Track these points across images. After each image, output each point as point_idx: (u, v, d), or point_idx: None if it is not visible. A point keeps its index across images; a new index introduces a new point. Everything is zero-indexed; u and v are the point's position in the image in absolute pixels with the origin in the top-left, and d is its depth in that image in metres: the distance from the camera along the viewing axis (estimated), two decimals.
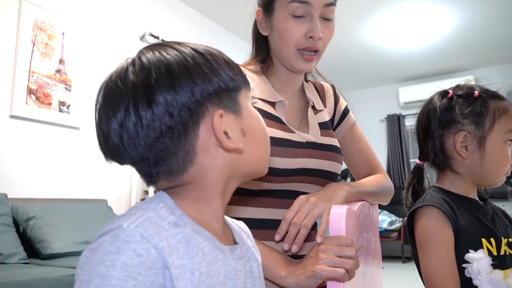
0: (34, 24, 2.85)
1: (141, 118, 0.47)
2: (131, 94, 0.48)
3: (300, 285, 0.72)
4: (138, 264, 0.41)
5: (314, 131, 0.96)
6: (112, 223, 0.46)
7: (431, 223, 0.87)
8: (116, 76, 0.51)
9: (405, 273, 4.66)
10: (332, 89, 1.11)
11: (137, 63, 0.50)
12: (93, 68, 3.21)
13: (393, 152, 6.55)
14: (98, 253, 0.42)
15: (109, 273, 0.40)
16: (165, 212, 0.48)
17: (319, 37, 0.89)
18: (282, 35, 0.90)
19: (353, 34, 4.79)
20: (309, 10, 0.88)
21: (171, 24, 3.98)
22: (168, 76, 0.49)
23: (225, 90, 0.52)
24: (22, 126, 2.74)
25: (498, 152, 0.92)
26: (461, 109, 0.95)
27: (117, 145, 0.49)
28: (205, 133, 0.51)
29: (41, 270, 1.90)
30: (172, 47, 0.53)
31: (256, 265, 0.59)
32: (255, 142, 0.55)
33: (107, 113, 0.49)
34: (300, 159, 0.88)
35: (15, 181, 2.65)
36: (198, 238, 0.49)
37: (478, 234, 0.88)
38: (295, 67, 0.92)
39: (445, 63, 5.88)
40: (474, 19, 4.51)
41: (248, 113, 0.56)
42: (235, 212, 0.88)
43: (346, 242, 0.72)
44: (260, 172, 0.58)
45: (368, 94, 6.95)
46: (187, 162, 0.50)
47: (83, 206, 2.76)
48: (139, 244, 0.42)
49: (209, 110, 0.51)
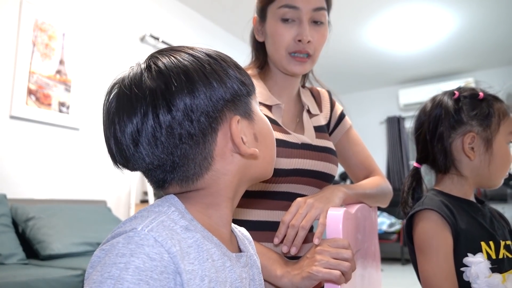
0: (35, 25, 2.86)
1: (161, 124, 0.47)
2: (150, 100, 0.47)
3: (296, 285, 0.72)
4: (151, 268, 0.41)
5: (309, 133, 0.97)
6: (124, 225, 0.46)
7: (430, 227, 0.86)
8: (130, 81, 0.50)
9: (405, 276, 4.65)
10: (328, 94, 1.12)
11: (154, 69, 0.50)
12: (93, 69, 3.21)
13: (393, 154, 6.55)
14: (111, 255, 0.42)
15: (122, 276, 0.40)
16: (177, 216, 0.48)
17: (308, 41, 0.90)
18: (273, 39, 0.93)
19: (353, 36, 4.80)
20: (298, 15, 0.90)
21: (171, 25, 3.98)
22: (187, 82, 0.48)
23: (240, 96, 0.53)
24: (22, 127, 2.74)
25: (503, 153, 0.93)
26: (468, 111, 0.94)
27: (132, 151, 0.49)
28: (222, 139, 0.51)
29: (40, 271, 1.90)
30: (185, 52, 0.52)
31: (257, 272, 0.60)
32: (265, 146, 0.56)
33: (121, 119, 0.48)
34: (295, 159, 0.89)
35: (14, 181, 2.65)
36: (208, 244, 0.49)
37: (477, 237, 0.88)
38: (288, 70, 0.94)
39: (445, 65, 5.89)
40: (474, 21, 4.51)
41: (258, 118, 0.56)
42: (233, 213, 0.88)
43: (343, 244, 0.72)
44: (267, 175, 0.59)
45: (368, 96, 6.95)
46: (203, 168, 0.50)
47: (82, 207, 2.76)
48: (153, 248, 0.42)
49: (227, 116, 0.51)
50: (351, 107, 7.88)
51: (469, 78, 5.95)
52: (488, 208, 0.98)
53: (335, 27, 0.97)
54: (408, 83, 6.61)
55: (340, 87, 6.66)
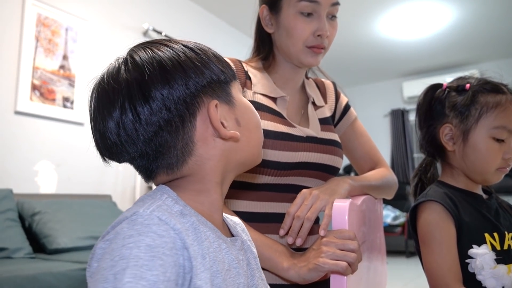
0: (38, 20, 2.86)
1: (139, 114, 0.48)
2: (126, 92, 0.49)
3: (303, 277, 0.73)
4: (161, 244, 0.42)
5: (315, 126, 0.97)
6: (123, 215, 0.46)
7: (433, 219, 0.87)
8: (108, 75, 0.52)
9: (409, 268, 4.66)
10: (333, 86, 1.12)
11: (130, 62, 0.51)
12: (96, 63, 3.21)
13: (397, 147, 6.53)
14: (118, 240, 0.42)
15: (135, 254, 0.39)
16: (170, 202, 0.49)
17: (327, 36, 0.91)
18: (291, 32, 0.91)
19: (357, 28, 4.77)
20: (317, 9, 0.90)
21: (174, 19, 3.97)
22: (161, 72, 0.50)
23: (217, 82, 0.54)
24: (26, 122, 2.75)
25: (482, 148, 0.89)
26: (449, 101, 0.95)
27: (114, 143, 0.50)
28: (201, 124, 0.52)
29: (47, 265, 1.92)
30: (162, 44, 0.54)
31: (252, 257, 0.60)
32: (249, 131, 0.57)
33: (102, 113, 0.50)
34: (300, 152, 0.89)
35: (20, 176, 2.67)
36: (203, 227, 0.50)
37: (481, 229, 0.87)
38: (304, 63, 0.94)
39: (450, 57, 5.85)
40: (479, 12, 4.47)
41: (240, 104, 0.57)
42: (238, 206, 0.88)
43: (348, 236, 0.72)
44: (255, 160, 0.59)
45: (372, 88, 6.93)
46: (186, 154, 0.51)
47: (87, 201, 2.78)
48: (159, 226, 0.43)
49: (204, 102, 0.52)
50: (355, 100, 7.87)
51: (474, 70, 5.91)
52: (496, 199, 0.98)
53: (339, 20, 0.97)
54: (412, 76, 6.57)
55: (344, 80, 6.63)
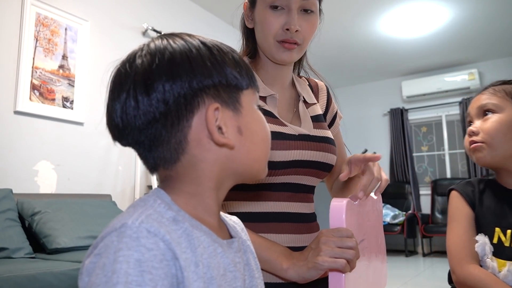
0: (37, 20, 2.86)
1: (138, 102, 0.49)
2: (134, 78, 0.49)
3: (302, 276, 0.73)
4: (150, 258, 0.42)
5: (307, 124, 0.96)
6: (112, 224, 0.46)
7: (454, 204, 1.03)
8: (126, 59, 0.52)
9: (408, 267, 4.66)
10: (327, 88, 1.11)
11: (145, 49, 0.52)
12: (96, 63, 3.22)
13: (396, 146, 6.54)
14: (108, 254, 0.42)
15: (123, 269, 0.40)
16: (163, 208, 0.49)
17: (296, 30, 0.89)
18: (262, 26, 0.91)
19: (355, 27, 4.77)
20: (287, 2, 0.88)
21: (173, 18, 3.98)
22: (169, 64, 0.50)
23: (226, 86, 0.52)
24: (26, 122, 2.75)
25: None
26: None
27: (117, 125, 0.51)
28: (198, 124, 0.51)
29: (48, 264, 1.93)
30: (181, 37, 0.54)
31: (252, 257, 0.60)
32: (251, 142, 0.55)
33: (113, 94, 0.51)
34: (294, 151, 0.89)
35: (20, 176, 2.68)
36: (197, 232, 0.49)
37: (494, 222, 0.96)
38: (277, 58, 0.92)
39: (449, 56, 5.86)
40: (478, 11, 4.48)
41: (248, 113, 0.55)
42: (234, 207, 0.89)
43: (346, 233, 0.73)
44: (255, 173, 0.57)
45: (371, 88, 6.93)
46: (179, 151, 0.51)
47: (87, 201, 2.79)
48: (148, 239, 0.43)
49: (206, 102, 0.51)
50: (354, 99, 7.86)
51: (473, 69, 5.92)
52: None
53: (338, 19, 0.97)
54: (411, 75, 6.58)
55: (343, 79, 6.64)
